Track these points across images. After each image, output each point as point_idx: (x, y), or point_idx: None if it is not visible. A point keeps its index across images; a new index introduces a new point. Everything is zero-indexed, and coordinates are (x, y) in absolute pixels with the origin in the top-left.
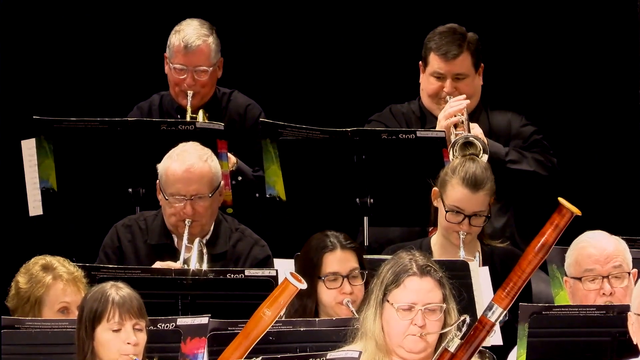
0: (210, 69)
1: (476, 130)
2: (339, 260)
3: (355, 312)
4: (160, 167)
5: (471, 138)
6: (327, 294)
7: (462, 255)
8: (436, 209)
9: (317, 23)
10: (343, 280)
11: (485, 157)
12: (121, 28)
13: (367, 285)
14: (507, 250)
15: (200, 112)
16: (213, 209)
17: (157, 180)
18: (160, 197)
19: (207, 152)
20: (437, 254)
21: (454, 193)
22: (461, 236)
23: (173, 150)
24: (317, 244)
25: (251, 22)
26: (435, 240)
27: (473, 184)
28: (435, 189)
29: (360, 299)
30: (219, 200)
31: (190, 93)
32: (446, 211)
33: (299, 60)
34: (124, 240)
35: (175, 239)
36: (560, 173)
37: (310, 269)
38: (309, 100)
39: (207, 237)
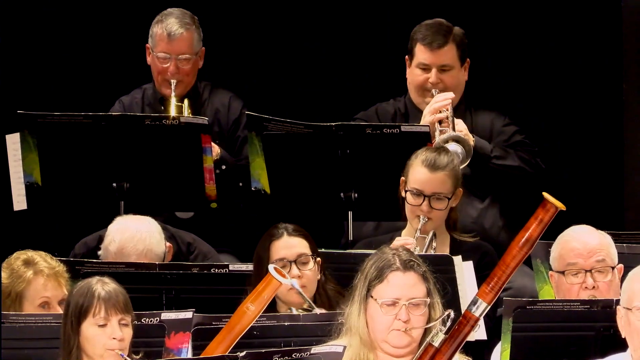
0: (193, 57)
1: (460, 126)
2: (285, 246)
3: (306, 297)
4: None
5: (457, 137)
6: None
7: (416, 236)
8: (404, 199)
9: (302, 17)
10: (291, 265)
11: (468, 160)
12: (103, 21)
13: (351, 280)
14: (475, 244)
15: (185, 101)
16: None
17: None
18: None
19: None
20: None
21: (414, 175)
22: (421, 221)
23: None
24: (266, 235)
25: (235, 15)
26: (405, 233)
27: (431, 164)
28: (402, 178)
29: (313, 285)
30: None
31: (173, 82)
32: (406, 191)
33: (284, 54)
34: None
35: None
36: (544, 169)
37: (261, 261)
38: (294, 95)
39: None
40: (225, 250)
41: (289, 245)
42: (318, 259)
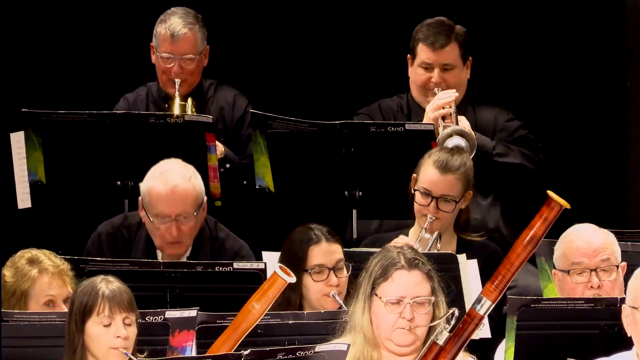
0: (197, 56)
1: (463, 122)
2: (324, 252)
3: (342, 304)
4: (143, 186)
5: (460, 130)
6: (314, 287)
7: (421, 235)
8: (413, 197)
9: (306, 15)
10: (329, 272)
11: (472, 154)
12: (108, 19)
13: (355, 278)
14: (482, 244)
15: (189, 100)
16: (197, 226)
17: (140, 198)
18: (142, 214)
19: (190, 170)
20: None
21: (424, 174)
22: (428, 219)
23: (155, 168)
24: (300, 237)
25: (240, 13)
26: (412, 231)
27: (443, 166)
28: (413, 175)
29: (345, 291)
30: (202, 215)
31: (177, 81)
32: (415, 190)
33: (287, 52)
34: (106, 253)
35: (160, 254)
36: (548, 166)
37: (294, 263)
38: (298, 93)
39: (187, 254)
40: None
41: (328, 251)
42: (349, 263)
